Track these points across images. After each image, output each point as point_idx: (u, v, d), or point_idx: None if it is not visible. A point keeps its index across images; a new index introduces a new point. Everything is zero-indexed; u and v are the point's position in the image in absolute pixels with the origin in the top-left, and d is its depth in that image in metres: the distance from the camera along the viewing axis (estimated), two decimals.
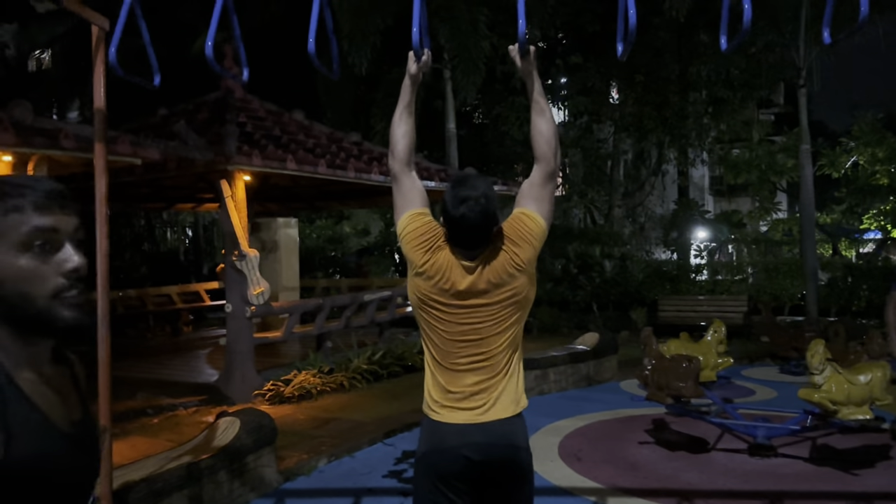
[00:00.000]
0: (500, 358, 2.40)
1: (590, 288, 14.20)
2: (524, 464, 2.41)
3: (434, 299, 2.40)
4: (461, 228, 2.31)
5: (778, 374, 8.93)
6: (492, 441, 2.33)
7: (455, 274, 2.36)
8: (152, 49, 2.51)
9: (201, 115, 9.63)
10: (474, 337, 2.38)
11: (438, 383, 2.42)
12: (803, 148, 12.00)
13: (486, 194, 2.31)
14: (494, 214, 2.35)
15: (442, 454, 2.36)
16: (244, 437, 4.64)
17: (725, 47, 2.39)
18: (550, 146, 2.50)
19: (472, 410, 2.35)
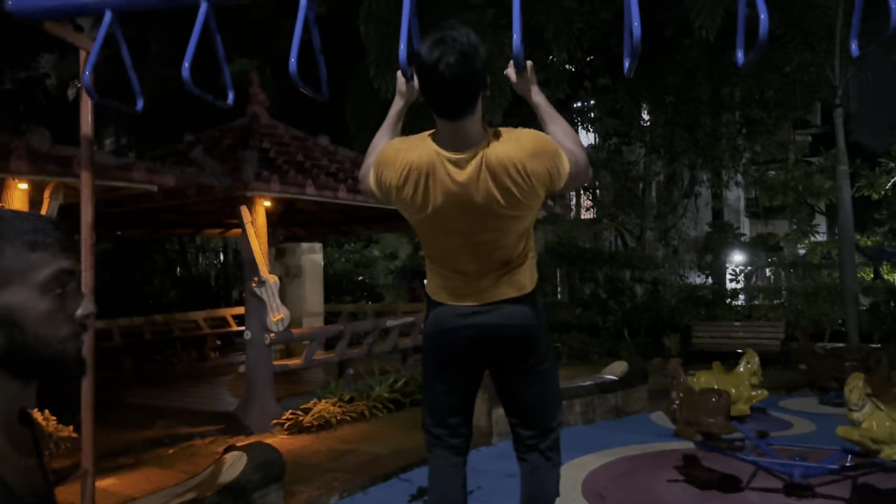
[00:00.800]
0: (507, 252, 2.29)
1: (620, 313, 13.86)
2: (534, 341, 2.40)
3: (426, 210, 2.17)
4: (438, 85, 2.01)
5: (817, 405, 8.52)
6: (499, 320, 2.32)
7: (442, 171, 2.09)
8: (134, 73, 2.41)
9: (226, 141, 9.67)
10: (476, 239, 2.23)
11: (442, 275, 2.37)
12: (840, 169, 11.61)
13: (469, 41, 2.02)
14: (480, 70, 2.04)
15: (448, 334, 2.38)
16: (251, 472, 4.49)
17: (742, 62, 2.21)
18: (576, 143, 2.28)
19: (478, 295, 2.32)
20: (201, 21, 2.18)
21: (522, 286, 2.34)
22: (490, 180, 2.08)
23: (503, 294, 2.31)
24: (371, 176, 2.26)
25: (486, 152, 2.08)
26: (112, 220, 10.51)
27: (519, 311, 2.33)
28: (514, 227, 2.23)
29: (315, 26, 2.27)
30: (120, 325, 11.23)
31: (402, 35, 2.11)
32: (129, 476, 6.15)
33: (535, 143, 2.11)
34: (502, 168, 2.07)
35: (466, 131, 2.10)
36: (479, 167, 2.08)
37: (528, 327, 2.36)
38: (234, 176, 7.25)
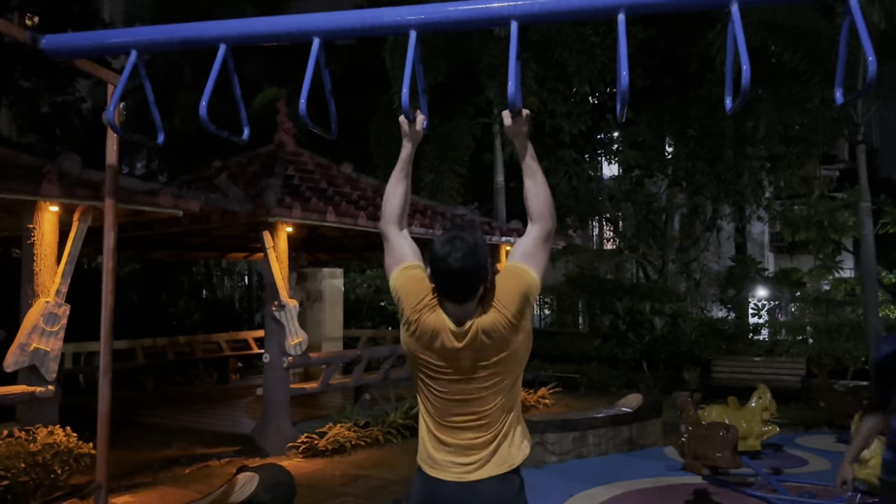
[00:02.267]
0: (495, 417, 2.36)
1: (639, 345, 13.80)
2: None
3: (424, 360, 2.35)
4: (446, 275, 2.24)
5: (834, 443, 8.41)
6: (481, 501, 2.30)
7: (445, 337, 2.30)
8: (156, 109, 2.57)
9: (252, 168, 9.93)
10: (467, 397, 2.33)
11: (432, 436, 2.39)
12: (863, 206, 11.55)
13: (475, 241, 2.27)
14: (483, 265, 2.27)
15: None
16: (262, 493, 4.59)
17: (729, 108, 2.31)
18: (547, 206, 2.44)
19: (464, 467, 2.33)
20: (220, 62, 2.33)
21: (512, 460, 2.38)
22: (483, 336, 2.28)
23: (488, 470, 2.34)
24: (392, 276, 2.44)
25: (478, 322, 2.29)
26: (140, 243, 10.80)
27: (503, 492, 2.35)
28: (510, 371, 2.35)
29: (326, 69, 2.41)
30: (144, 345, 11.46)
31: (405, 79, 2.25)
32: (145, 494, 6.28)
33: (509, 295, 2.30)
34: (494, 330, 2.29)
35: (467, 310, 2.31)
36: (474, 334, 2.29)
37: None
38: (258, 202, 7.45)
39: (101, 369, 2.83)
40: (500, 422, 2.36)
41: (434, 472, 2.36)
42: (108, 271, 2.87)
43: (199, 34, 2.39)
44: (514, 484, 2.38)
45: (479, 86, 13.84)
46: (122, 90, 2.44)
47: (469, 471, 2.33)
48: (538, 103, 13.81)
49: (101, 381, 2.85)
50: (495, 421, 2.35)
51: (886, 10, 10.35)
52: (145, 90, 2.53)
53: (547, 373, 13.16)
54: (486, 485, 2.32)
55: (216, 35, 2.37)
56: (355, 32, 2.39)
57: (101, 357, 2.86)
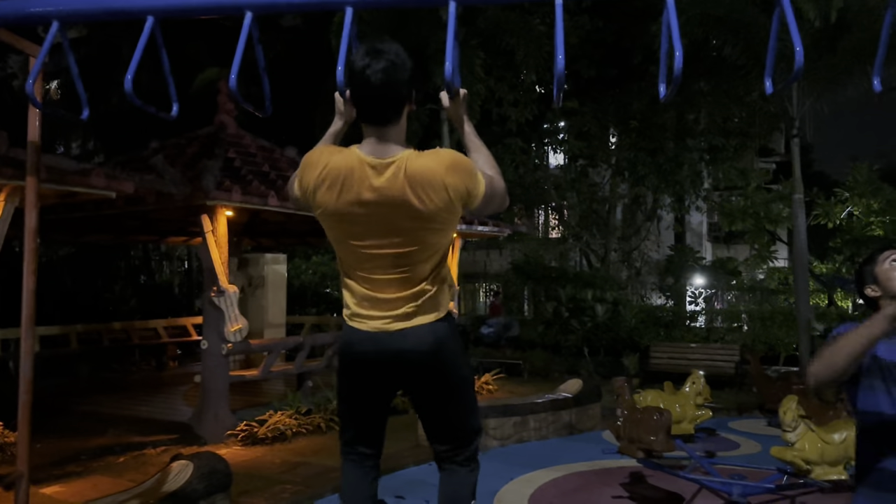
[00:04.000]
0: (420, 268, 2.33)
1: (581, 332, 14.03)
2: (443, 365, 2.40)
3: (341, 213, 2.24)
4: (366, 89, 2.15)
5: (765, 427, 8.71)
6: (408, 345, 2.33)
7: (362, 174, 2.19)
8: (80, 82, 2.46)
9: (191, 149, 9.66)
10: (390, 251, 2.28)
11: (354, 292, 2.38)
12: (796, 197, 11.95)
13: (398, 54, 2.18)
14: (407, 81, 2.19)
15: (358, 358, 2.39)
16: (196, 482, 4.49)
17: (663, 95, 2.33)
18: (497, 172, 2.39)
19: (387, 319, 2.33)
20: (147, 35, 2.24)
21: (435, 310, 2.37)
22: (408, 187, 2.17)
23: (414, 319, 2.34)
24: (295, 181, 2.34)
25: (407, 161, 2.18)
26: (73, 225, 10.41)
27: (429, 335, 2.35)
28: (428, 240, 2.28)
29: (259, 45, 2.34)
30: (77, 331, 11.09)
31: (340, 57, 2.20)
32: (76, 483, 6.09)
33: (453, 159, 2.21)
34: (421, 176, 2.16)
35: (389, 140, 2.21)
36: (397, 173, 2.17)
37: (438, 353, 2.37)
38: (195, 184, 7.26)
39: (23, 354, 2.71)
40: (425, 279, 2.34)
41: (359, 325, 2.36)
42: (30, 252, 2.75)
43: (124, 5, 2.29)
44: (441, 326, 2.39)
45: (426, 72, 13.77)
46: (41, 63, 2.32)
47: (396, 319, 2.33)
48: (486, 91, 13.82)
49: (23, 365, 2.73)
50: (419, 277, 2.33)
51: (821, 8, 10.68)
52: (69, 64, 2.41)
53: (490, 359, 13.29)
54: (412, 330, 2.33)
55: (143, 7, 2.28)
56: (290, 7, 2.33)
57: (23, 341, 2.74)
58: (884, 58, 2.37)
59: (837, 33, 11.24)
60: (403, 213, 2.20)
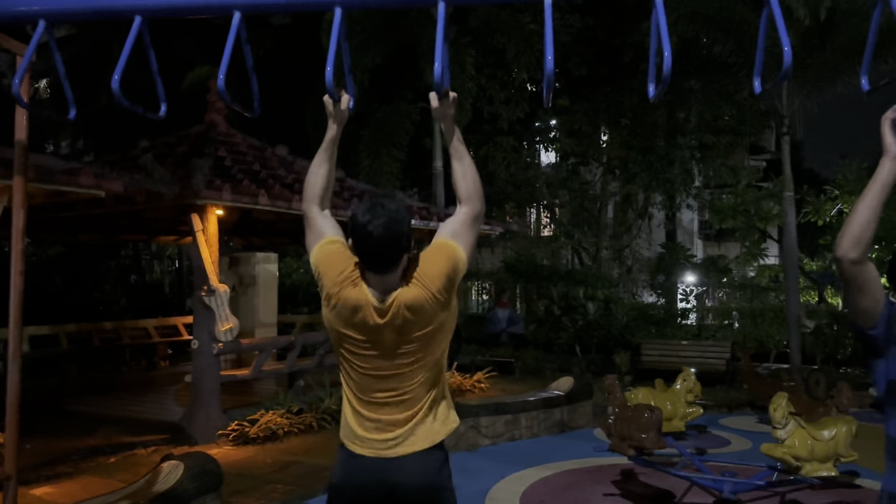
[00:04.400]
0: (417, 393, 2.36)
1: (573, 330, 14.06)
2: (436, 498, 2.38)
3: (346, 335, 2.32)
4: (368, 242, 2.22)
5: (756, 423, 8.76)
6: (401, 477, 2.32)
7: (367, 313, 2.28)
8: (67, 82, 2.44)
9: (181, 148, 9.61)
10: (389, 373, 2.32)
11: (355, 412, 2.39)
12: (786, 195, 12.01)
13: (398, 209, 2.26)
14: (405, 234, 2.27)
15: (353, 487, 2.37)
16: (186, 482, 4.48)
17: (652, 94, 2.33)
18: (476, 188, 2.44)
19: (386, 443, 2.34)
20: (134, 34, 2.23)
21: (434, 436, 2.39)
22: (408, 313, 2.26)
23: (410, 445, 2.35)
24: (312, 252, 2.42)
25: (400, 297, 2.27)
26: (63, 225, 10.35)
27: (425, 468, 2.36)
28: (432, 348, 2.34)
29: (248, 45, 2.33)
30: (67, 331, 11.02)
31: (329, 57, 2.19)
32: (65, 484, 6.06)
33: (435, 269, 2.29)
34: (417, 304, 2.27)
35: (389, 283, 2.29)
36: (397, 311, 2.27)
37: (433, 489, 2.38)
38: (185, 183, 7.22)
39: (10, 354, 2.69)
40: (423, 398, 2.36)
41: (356, 449, 2.36)
42: (18, 252, 2.73)
43: (112, 5, 2.27)
44: (437, 459, 2.39)
45: (418, 70, 13.76)
46: (28, 62, 2.30)
47: (391, 446, 2.33)
48: (477, 89, 13.81)
49: (10, 366, 2.72)
50: (418, 397, 2.36)
51: (811, 6, 10.72)
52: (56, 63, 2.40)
53: (483, 357, 13.30)
54: (407, 460, 2.33)
55: (131, 6, 2.26)
56: (278, 7, 2.32)
57: (10, 341, 2.72)
58: (871, 58, 2.38)
59: (826, 32, 11.29)
60: (408, 333, 2.29)
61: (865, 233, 1.98)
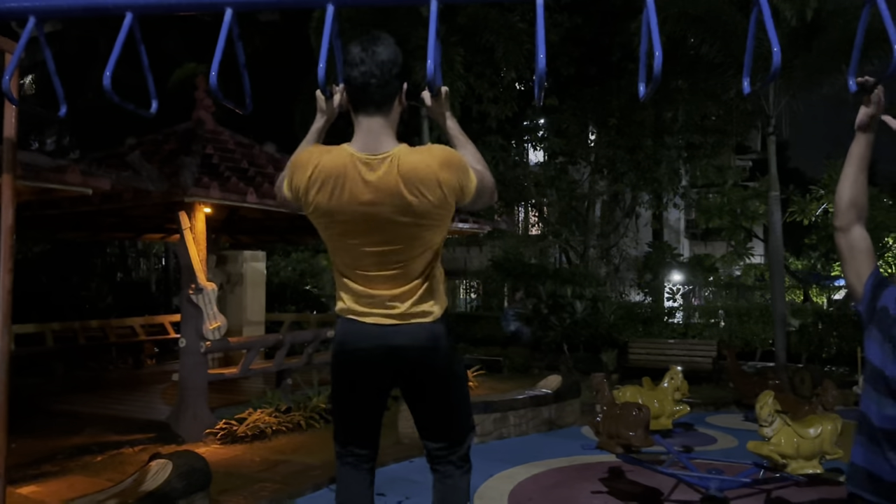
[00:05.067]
0: (415, 265, 2.34)
1: (561, 328, 14.11)
2: (439, 363, 2.41)
3: (334, 210, 2.25)
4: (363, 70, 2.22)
5: (742, 421, 8.82)
6: (404, 342, 2.34)
7: (354, 172, 2.20)
8: (58, 79, 2.42)
9: (168, 146, 9.57)
10: (383, 248, 2.28)
11: (350, 289, 2.38)
12: (772, 195, 12.10)
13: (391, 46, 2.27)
14: (398, 72, 2.27)
15: (354, 353, 2.39)
16: (175, 481, 4.46)
17: (643, 94, 2.34)
18: (485, 166, 2.42)
19: (385, 315, 2.34)
20: (125, 31, 2.22)
21: (430, 308, 2.38)
22: (402, 183, 2.17)
23: (410, 316, 2.34)
24: (284, 182, 2.35)
25: (400, 157, 2.20)
26: (48, 222, 10.27)
27: (425, 333, 2.36)
28: (422, 236, 2.29)
29: (239, 41, 2.32)
30: (53, 329, 10.94)
31: (321, 54, 2.19)
32: (52, 483, 6.01)
33: (446, 155, 2.23)
34: (414, 172, 2.17)
35: (381, 132, 2.24)
36: (391, 169, 2.18)
37: (434, 350, 2.38)
38: (173, 181, 7.18)
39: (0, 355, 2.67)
40: (418, 276, 2.35)
41: (355, 320, 2.37)
42: (6, 250, 2.71)
43: (103, 2, 2.26)
44: (439, 328, 2.40)
45: (407, 68, 13.74)
46: (18, 58, 2.29)
47: (390, 317, 2.34)
48: (465, 88, 13.83)
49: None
50: (417, 268, 2.33)
51: (798, 7, 10.80)
52: (46, 60, 2.38)
53: (471, 356, 13.32)
54: (407, 326, 2.34)
55: (121, 2, 2.25)
56: (270, 4, 2.32)
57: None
58: (858, 59, 2.40)
59: (813, 32, 11.38)
60: (398, 209, 2.21)
61: (842, 200, 2.18)
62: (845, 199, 2.20)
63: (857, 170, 2.21)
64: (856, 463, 2.06)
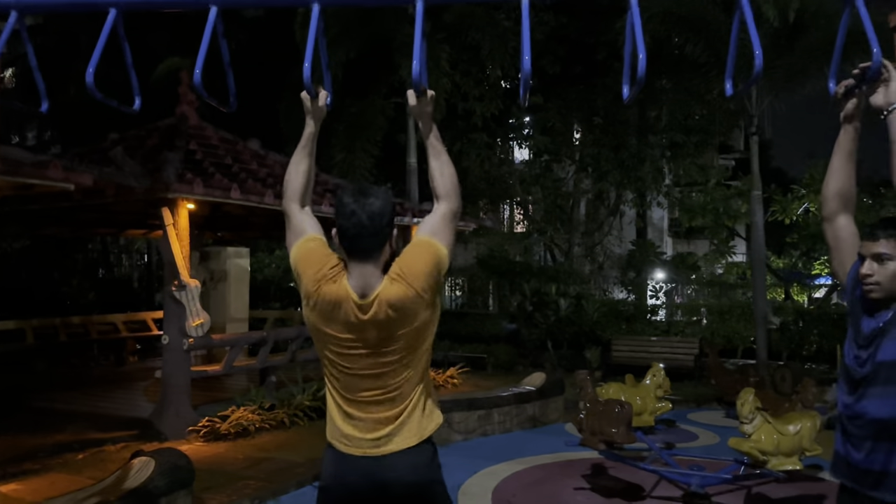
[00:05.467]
0: (404, 390, 2.36)
1: (545, 326, 14.17)
2: (429, 493, 2.39)
3: (328, 334, 2.32)
4: (353, 222, 2.26)
5: (723, 418, 8.91)
6: (392, 475, 2.32)
7: (348, 308, 2.27)
8: (40, 74, 2.40)
9: (151, 141, 9.50)
10: (375, 371, 2.32)
11: (341, 411, 2.38)
12: (754, 194, 12.22)
13: (383, 198, 2.31)
14: (390, 222, 2.32)
15: (343, 487, 2.36)
16: (157, 478, 4.44)
17: (626, 96, 2.36)
18: (453, 184, 2.45)
19: (374, 441, 2.34)
20: (109, 27, 2.20)
21: (423, 431, 2.39)
22: (391, 311, 2.26)
23: (400, 442, 2.35)
24: (292, 251, 2.43)
25: (383, 293, 2.27)
26: (29, 218, 10.16)
27: (416, 464, 2.36)
28: (417, 347, 2.35)
29: (224, 39, 2.32)
30: (33, 325, 10.84)
31: (307, 54, 2.19)
32: (33, 481, 5.97)
33: (418, 268, 2.30)
34: (400, 303, 2.27)
35: (372, 274, 2.30)
36: (379, 308, 2.26)
37: (425, 484, 2.39)
38: (156, 177, 7.14)
39: None
40: (410, 395, 2.36)
41: (345, 448, 2.36)
42: None
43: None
44: (427, 452, 2.40)
45: (392, 65, 13.72)
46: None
47: (380, 444, 2.33)
48: (451, 85, 13.83)
49: None
50: (405, 394, 2.36)
51: (780, 8, 10.90)
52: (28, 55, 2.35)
53: (456, 353, 13.34)
54: (398, 457, 2.33)
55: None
56: (255, 2, 2.31)
57: None
58: (839, 61, 2.43)
59: (795, 33, 11.50)
60: (392, 331, 2.28)
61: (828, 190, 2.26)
62: (831, 189, 2.26)
63: (843, 160, 2.27)
64: (836, 450, 2.12)
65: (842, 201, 2.24)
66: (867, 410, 2.00)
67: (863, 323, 2.06)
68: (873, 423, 1.99)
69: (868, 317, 2.07)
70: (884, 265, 2.05)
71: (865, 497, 2.04)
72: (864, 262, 2.09)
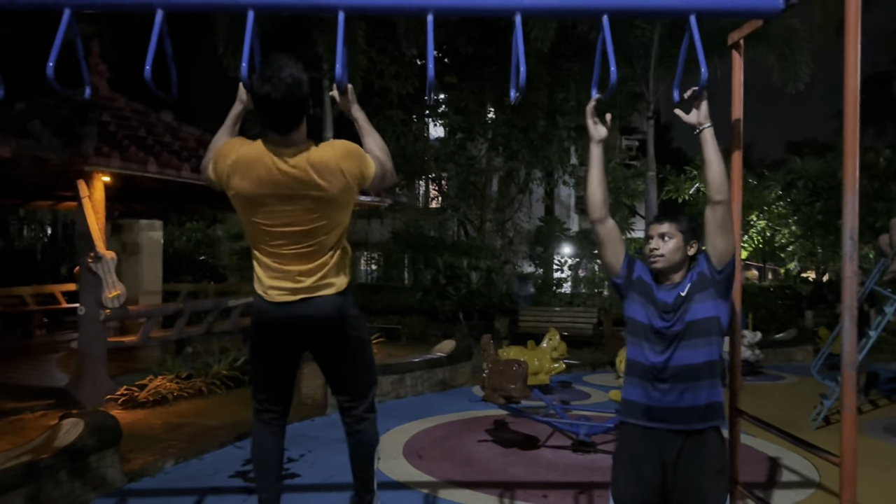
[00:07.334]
0: (320, 249, 2.73)
1: (457, 298, 14.78)
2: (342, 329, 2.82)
3: (251, 194, 2.61)
4: (267, 107, 2.52)
5: (615, 380, 9.70)
6: (311, 312, 2.74)
7: (269, 161, 2.56)
8: None
9: (62, 112, 9.36)
10: (294, 229, 2.66)
11: (265, 266, 2.76)
12: (649, 174, 13.15)
13: (293, 75, 2.54)
14: (305, 95, 2.57)
15: (269, 324, 2.78)
16: (87, 437, 4.70)
17: (514, 97, 2.80)
18: (385, 152, 2.85)
19: (295, 291, 2.72)
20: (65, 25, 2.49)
21: (334, 281, 2.79)
22: (312, 171, 2.57)
23: (316, 289, 2.75)
24: (210, 166, 2.72)
25: (309, 152, 2.60)
26: None
27: (330, 302, 2.77)
28: (330, 216, 2.69)
29: (168, 39, 2.64)
30: None
31: (244, 55, 2.55)
32: None
33: (346, 148, 2.67)
34: (322, 164, 2.59)
35: (292, 140, 2.61)
36: (301, 161, 2.58)
37: (337, 318, 2.80)
38: (73, 150, 7.18)
39: None
40: (326, 254, 2.74)
41: (269, 297, 2.75)
42: None
43: None
44: (347, 298, 2.83)
45: (308, 39, 13.82)
46: None
47: (299, 292, 2.73)
48: (367, 62, 14.06)
49: None
50: (321, 251, 2.73)
51: None
52: None
53: (371, 325, 13.77)
54: (315, 299, 2.75)
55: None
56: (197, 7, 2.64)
57: None
58: (682, 74, 2.98)
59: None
60: (310, 193, 2.61)
61: (596, 198, 2.72)
62: (599, 197, 2.73)
63: (602, 173, 2.76)
64: (627, 398, 2.64)
65: (606, 206, 2.75)
66: (681, 360, 2.51)
67: (659, 295, 2.59)
68: (686, 369, 2.50)
69: (663, 290, 2.61)
70: (666, 242, 2.63)
71: (669, 431, 2.50)
72: (652, 240, 2.66)
